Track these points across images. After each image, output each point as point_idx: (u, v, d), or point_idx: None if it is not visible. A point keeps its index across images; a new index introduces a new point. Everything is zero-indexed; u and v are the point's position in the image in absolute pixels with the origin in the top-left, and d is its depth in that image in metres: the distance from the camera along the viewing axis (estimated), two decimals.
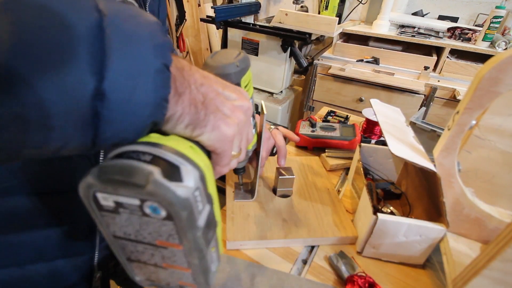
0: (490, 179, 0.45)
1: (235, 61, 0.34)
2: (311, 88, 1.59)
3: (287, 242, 0.51)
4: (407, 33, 1.47)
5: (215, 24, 1.39)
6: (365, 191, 0.50)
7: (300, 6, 1.74)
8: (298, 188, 0.62)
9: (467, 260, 0.39)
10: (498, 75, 0.33)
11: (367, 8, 1.80)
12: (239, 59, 0.35)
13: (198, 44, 2.13)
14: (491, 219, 0.42)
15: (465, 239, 0.44)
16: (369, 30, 1.56)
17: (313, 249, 0.51)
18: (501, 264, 0.31)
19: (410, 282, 0.46)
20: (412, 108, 1.37)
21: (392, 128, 0.50)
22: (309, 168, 0.70)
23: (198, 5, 2.06)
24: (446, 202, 0.42)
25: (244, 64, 0.35)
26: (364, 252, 0.49)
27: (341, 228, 0.53)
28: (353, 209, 0.60)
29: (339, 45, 1.62)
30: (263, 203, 0.57)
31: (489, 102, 0.36)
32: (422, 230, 0.44)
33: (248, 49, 1.53)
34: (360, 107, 1.48)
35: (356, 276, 0.43)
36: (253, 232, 0.51)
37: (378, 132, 0.81)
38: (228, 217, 0.54)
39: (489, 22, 1.31)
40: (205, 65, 0.35)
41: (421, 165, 0.42)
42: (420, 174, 0.56)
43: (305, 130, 0.78)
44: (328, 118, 0.94)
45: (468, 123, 0.38)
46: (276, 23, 1.35)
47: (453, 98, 1.29)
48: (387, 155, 0.63)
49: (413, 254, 0.47)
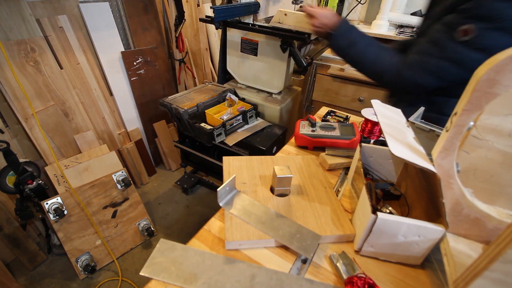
0: (489, 178, 0.45)
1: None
2: (310, 88, 1.60)
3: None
4: (406, 33, 1.48)
5: (214, 24, 1.39)
6: (365, 191, 0.50)
7: (299, 6, 1.74)
8: (296, 187, 0.62)
9: (468, 261, 0.39)
10: (495, 77, 0.33)
11: (366, 8, 1.81)
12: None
13: (198, 44, 2.13)
14: (490, 219, 0.42)
15: (465, 239, 0.45)
16: (368, 30, 1.56)
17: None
18: (502, 265, 0.31)
19: (409, 282, 0.46)
20: None
21: (392, 129, 0.50)
22: (306, 167, 0.70)
23: (197, 5, 2.06)
24: (446, 202, 0.42)
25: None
26: (362, 251, 0.49)
27: (339, 226, 0.53)
28: (352, 209, 0.60)
29: None
30: (261, 203, 0.57)
31: (486, 103, 0.36)
32: (421, 231, 0.44)
33: (247, 49, 1.53)
34: (359, 107, 1.49)
35: (355, 277, 0.43)
36: (251, 231, 0.51)
37: (377, 132, 0.81)
38: (227, 217, 0.54)
39: None
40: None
41: (421, 166, 0.42)
42: (420, 174, 0.56)
43: (305, 130, 0.78)
44: (328, 118, 0.94)
45: (466, 124, 0.38)
46: (275, 23, 1.35)
47: None
48: (387, 156, 0.63)
49: (412, 254, 0.47)
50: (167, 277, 0.45)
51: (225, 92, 1.53)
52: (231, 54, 1.63)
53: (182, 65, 2.09)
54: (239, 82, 1.69)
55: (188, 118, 1.39)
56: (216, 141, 1.32)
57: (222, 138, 1.34)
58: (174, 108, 1.40)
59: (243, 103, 1.46)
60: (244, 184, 0.62)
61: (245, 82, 1.68)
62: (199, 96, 1.52)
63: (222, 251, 0.50)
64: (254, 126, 1.45)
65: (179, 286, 0.44)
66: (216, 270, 0.46)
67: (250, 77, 1.63)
